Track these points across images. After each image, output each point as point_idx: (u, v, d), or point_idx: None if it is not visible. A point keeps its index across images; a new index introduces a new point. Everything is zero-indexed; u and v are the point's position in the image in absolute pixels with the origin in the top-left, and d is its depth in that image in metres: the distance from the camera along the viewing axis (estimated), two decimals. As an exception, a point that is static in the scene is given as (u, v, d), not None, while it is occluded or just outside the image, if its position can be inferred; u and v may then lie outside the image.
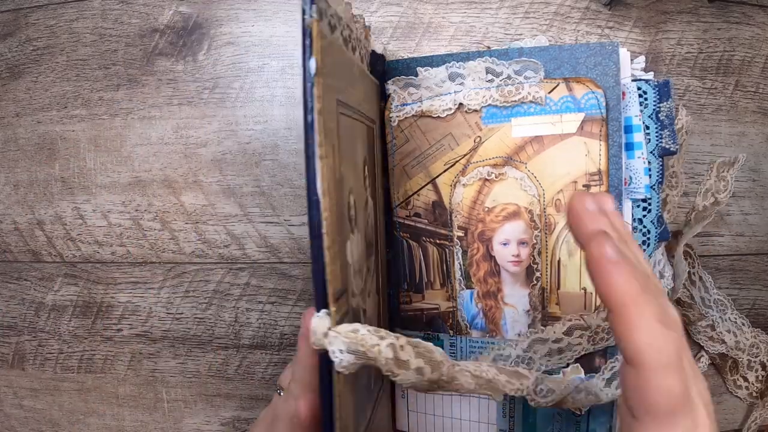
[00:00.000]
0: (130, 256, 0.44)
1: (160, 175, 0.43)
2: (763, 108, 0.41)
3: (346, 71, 0.26)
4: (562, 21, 0.41)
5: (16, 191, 0.45)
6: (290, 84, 0.42)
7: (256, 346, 0.43)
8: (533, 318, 0.35)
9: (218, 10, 0.42)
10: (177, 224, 0.43)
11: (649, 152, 0.34)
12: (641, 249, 0.30)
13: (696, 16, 0.41)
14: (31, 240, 0.45)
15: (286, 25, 0.42)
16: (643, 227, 0.32)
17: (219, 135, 0.43)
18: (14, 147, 0.45)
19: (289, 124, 0.42)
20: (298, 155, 0.42)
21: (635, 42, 0.40)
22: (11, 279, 0.46)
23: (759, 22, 0.41)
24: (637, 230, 0.32)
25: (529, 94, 0.33)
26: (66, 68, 0.44)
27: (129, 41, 0.43)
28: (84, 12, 0.44)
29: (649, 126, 0.34)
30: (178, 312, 0.44)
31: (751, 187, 0.42)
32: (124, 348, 0.45)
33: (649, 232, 0.32)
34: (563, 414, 0.35)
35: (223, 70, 0.42)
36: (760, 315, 0.42)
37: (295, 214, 0.42)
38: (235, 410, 0.44)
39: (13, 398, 0.46)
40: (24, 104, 0.45)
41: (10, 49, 0.45)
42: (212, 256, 0.43)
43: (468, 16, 0.41)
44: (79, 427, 0.46)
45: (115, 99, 0.43)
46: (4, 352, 0.46)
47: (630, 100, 0.34)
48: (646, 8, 0.40)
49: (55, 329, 0.45)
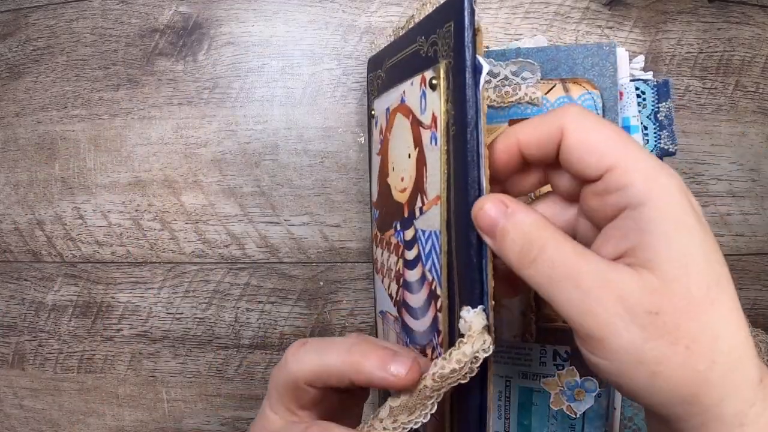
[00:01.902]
0: (130, 256, 0.44)
1: (160, 175, 0.43)
2: (763, 108, 0.41)
3: None
4: (562, 21, 0.41)
5: (16, 191, 0.45)
6: (290, 84, 0.42)
7: (256, 346, 0.43)
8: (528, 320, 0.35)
9: (218, 10, 0.42)
10: (177, 224, 0.43)
11: None
12: None
13: (696, 16, 0.41)
14: (31, 240, 0.45)
15: (286, 25, 0.42)
16: None
17: (219, 135, 0.43)
18: (14, 147, 0.45)
19: (289, 124, 0.42)
20: (298, 155, 0.42)
21: (635, 42, 0.40)
22: (11, 279, 0.46)
23: (759, 22, 0.41)
24: None
25: (526, 95, 0.33)
26: (66, 68, 0.44)
27: (129, 41, 0.43)
28: (84, 12, 0.44)
29: (647, 126, 0.34)
30: (178, 312, 0.44)
31: (751, 187, 0.42)
32: (124, 348, 0.45)
33: None
34: (558, 416, 0.35)
35: (223, 70, 0.42)
36: (760, 315, 0.42)
37: (295, 214, 0.42)
38: (235, 410, 0.44)
39: (13, 398, 0.46)
40: (24, 104, 0.45)
41: (10, 49, 0.45)
42: (212, 256, 0.43)
43: (468, 16, 0.41)
44: (79, 427, 0.46)
45: (115, 99, 0.43)
46: (4, 352, 0.46)
47: (628, 101, 0.34)
48: (646, 8, 0.40)
49: (55, 329, 0.45)
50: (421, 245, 0.27)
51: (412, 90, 0.27)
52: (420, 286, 0.27)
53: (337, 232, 0.42)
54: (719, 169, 0.41)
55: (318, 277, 0.43)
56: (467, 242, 0.22)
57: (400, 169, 0.29)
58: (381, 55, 0.34)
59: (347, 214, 0.42)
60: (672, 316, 0.18)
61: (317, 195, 0.42)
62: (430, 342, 0.26)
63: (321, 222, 0.42)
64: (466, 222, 0.22)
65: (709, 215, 0.41)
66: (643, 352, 0.18)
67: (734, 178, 0.41)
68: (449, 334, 0.24)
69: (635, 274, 0.19)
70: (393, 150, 0.30)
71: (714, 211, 0.41)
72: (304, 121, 0.42)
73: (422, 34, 0.26)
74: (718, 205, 0.41)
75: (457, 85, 0.22)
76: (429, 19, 0.25)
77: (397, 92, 0.29)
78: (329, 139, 0.42)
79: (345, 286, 0.43)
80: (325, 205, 0.42)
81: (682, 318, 0.18)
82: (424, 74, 0.25)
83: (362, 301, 0.42)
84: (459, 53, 0.22)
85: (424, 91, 0.25)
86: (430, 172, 0.25)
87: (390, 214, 0.31)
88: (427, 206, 0.26)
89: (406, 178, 0.28)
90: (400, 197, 0.29)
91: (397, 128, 0.29)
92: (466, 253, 0.22)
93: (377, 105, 0.34)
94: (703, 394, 0.19)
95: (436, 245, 0.25)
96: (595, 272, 0.19)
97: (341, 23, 0.41)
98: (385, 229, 0.32)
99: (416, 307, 0.28)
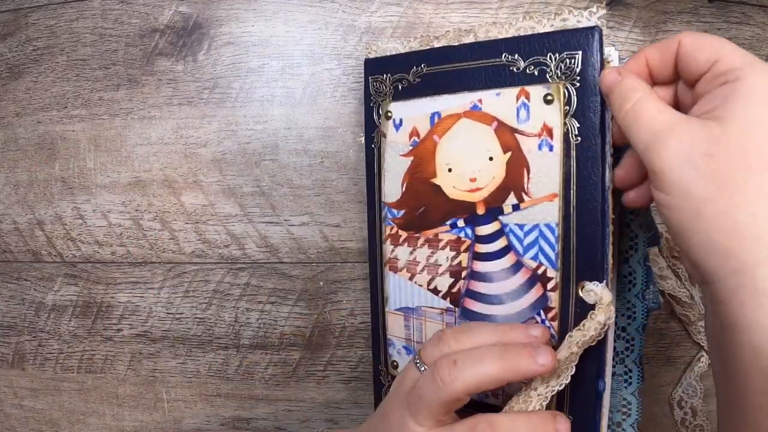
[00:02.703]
0: (130, 256, 0.44)
1: (160, 175, 0.43)
2: (763, 108, 0.41)
3: None
4: (562, 21, 0.41)
5: (16, 191, 0.45)
6: (290, 84, 0.42)
7: (256, 346, 0.43)
8: None
9: (218, 10, 0.42)
10: (177, 224, 0.43)
11: (632, 361, 0.33)
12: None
13: (696, 16, 0.41)
14: (31, 240, 0.45)
15: (286, 25, 0.42)
16: (631, 231, 0.32)
17: (219, 135, 0.43)
18: (14, 147, 0.45)
19: (289, 124, 0.42)
20: (298, 155, 0.42)
21: (635, 42, 0.40)
22: (11, 279, 0.46)
23: (759, 22, 0.41)
24: (623, 234, 0.32)
25: None
26: (66, 68, 0.44)
27: (129, 41, 0.43)
28: (84, 12, 0.44)
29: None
30: (178, 312, 0.44)
31: (751, 187, 0.41)
32: (124, 348, 0.45)
33: (636, 237, 0.31)
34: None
35: (223, 70, 0.42)
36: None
37: (295, 214, 0.42)
38: (235, 410, 0.44)
39: (13, 398, 0.46)
40: (24, 104, 0.45)
41: (10, 49, 0.45)
42: (212, 256, 0.43)
43: (468, 16, 0.41)
44: (79, 427, 0.46)
45: (115, 99, 0.43)
46: (4, 352, 0.46)
47: None
48: (646, 8, 0.40)
49: (55, 329, 0.45)
50: (514, 237, 0.31)
51: (501, 100, 0.31)
52: (512, 273, 0.31)
53: (337, 232, 0.42)
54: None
55: (318, 277, 0.43)
56: (593, 230, 0.28)
57: (469, 170, 0.32)
58: (400, 60, 0.35)
59: (347, 214, 0.42)
60: (724, 164, 0.21)
61: (317, 195, 0.42)
62: (530, 320, 0.31)
63: (321, 222, 0.42)
64: (593, 214, 0.28)
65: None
66: (692, 191, 0.21)
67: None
68: (561, 309, 0.29)
69: (703, 124, 0.22)
70: (451, 152, 0.33)
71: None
72: (304, 121, 0.42)
73: (515, 53, 0.30)
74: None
75: (587, 106, 0.28)
76: (528, 41, 0.30)
77: (460, 99, 0.32)
78: (329, 139, 0.42)
79: (345, 286, 0.43)
80: (325, 205, 0.42)
81: (732, 167, 0.21)
82: (525, 88, 0.30)
83: (362, 301, 0.42)
84: (586, 79, 0.28)
85: (525, 103, 0.30)
86: (538, 173, 0.30)
87: (437, 213, 0.34)
88: (528, 203, 0.30)
89: (484, 178, 0.32)
90: (468, 197, 0.32)
91: (463, 132, 0.32)
92: (591, 239, 0.28)
93: (401, 108, 0.35)
94: (739, 250, 0.20)
95: (549, 235, 0.30)
96: (667, 120, 0.23)
97: (341, 23, 0.41)
98: (422, 228, 0.34)
99: (501, 293, 0.32)
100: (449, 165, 0.33)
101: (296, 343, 0.43)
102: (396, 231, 0.36)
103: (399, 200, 0.36)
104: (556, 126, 0.29)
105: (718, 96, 0.22)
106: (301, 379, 0.43)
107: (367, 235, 0.38)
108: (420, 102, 0.34)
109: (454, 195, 0.33)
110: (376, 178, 0.37)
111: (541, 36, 0.30)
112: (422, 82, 0.34)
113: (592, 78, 0.28)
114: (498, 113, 0.31)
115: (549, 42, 0.29)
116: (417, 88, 0.34)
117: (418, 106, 0.34)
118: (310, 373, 0.43)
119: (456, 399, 0.26)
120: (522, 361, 0.26)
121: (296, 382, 0.43)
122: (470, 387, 0.25)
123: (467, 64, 0.32)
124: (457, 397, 0.26)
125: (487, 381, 0.26)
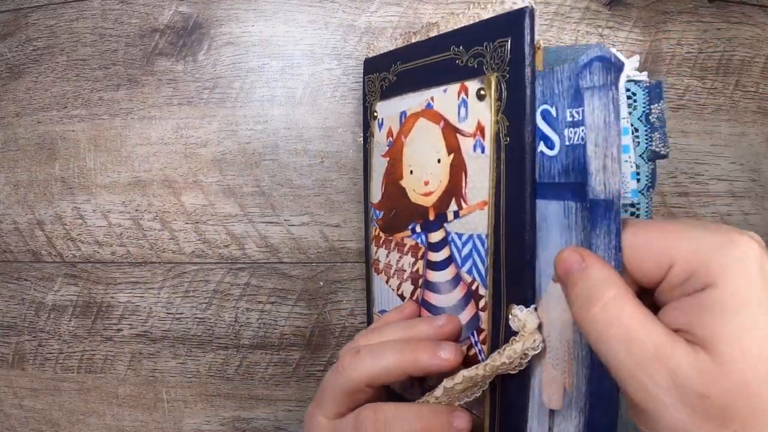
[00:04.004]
0: (130, 256, 0.44)
1: (160, 175, 0.43)
2: (763, 108, 0.41)
3: None
4: (562, 21, 0.41)
5: (16, 191, 0.45)
6: (290, 84, 0.42)
7: (256, 346, 0.43)
8: None
9: (218, 10, 0.42)
10: (177, 224, 0.43)
11: (638, 156, 0.33)
12: None
13: (696, 16, 0.41)
14: (31, 240, 0.45)
15: (286, 25, 0.42)
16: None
17: (219, 135, 0.43)
18: (14, 147, 0.45)
19: (289, 124, 0.42)
20: (298, 155, 0.42)
21: (635, 42, 0.40)
22: (11, 279, 0.46)
23: (759, 22, 0.41)
24: None
25: None
26: (66, 68, 0.44)
27: (129, 41, 0.43)
28: (84, 12, 0.44)
29: (638, 129, 0.34)
30: (178, 312, 0.44)
31: (751, 187, 0.42)
32: (124, 348, 0.45)
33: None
34: None
35: (223, 70, 0.42)
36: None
37: (295, 214, 0.42)
38: (235, 410, 0.44)
39: (13, 398, 0.46)
40: (24, 104, 0.45)
41: (10, 49, 0.45)
42: (212, 256, 0.43)
43: (468, 16, 0.41)
44: (79, 427, 0.46)
45: (115, 99, 0.43)
46: (4, 352, 0.46)
47: None
48: (646, 8, 0.40)
49: (55, 329, 0.45)
50: (455, 247, 0.28)
51: (446, 97, 0.27)
52: (452, 287, 0.28)
53: (337, 232, 0.42)
54: (719, 169, 0.41)
55: (318, 277, 0.43)
56: (521, 244, 0.23)
57: (423, 173, 0.29)
58: (386, 58, 0.34)
59: (347, 214, 0.42)
60: (722, 399, 0.17)
61: (317, 195, 0.42)
62: (466, 340, 0.27)
63: (321, 222, 0.42)
64: (520, 225, 0.23)
65: (709, 215, 0.41)
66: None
67: (734, 178, 0.41)
68: (492, 332, 0.26)
69: (691, 353, 0.18)
70: (412, 153, 0.30)
71: (714, 211, 0.41)
72: (304, 121, 0.42)
73: (460, 44, 0.26)
74: (718, 205, 0.41)
75: (514, 100, 0.23)
76: (471, 30, 0.26)
77: (419, 97, 0.29)
78: (329, 139, 0.42)
79: (345, 286, 0.43)
80: (325, 205, 0.42)
81: (732, 401, 0.17)
82: (465, 83, 0.26)
83: (362, 301, 0.42)
84: (517, 69, 0.23)
85: (464, 100, 0.26)
86: (473, 178, 0.26)
87: (404, 216, 0.31)
88: (466, 210, 0.27)
89: (434, 182, 0.29)
90: (422, 200, 0.30)
91: (419, 132, 0.30)
92: (520, 254, 0.24)
93: (383, 107, 0.33)
94: None
95: (480, 248, 0.26)
96: (650, 343, 0.18)
97: (341, 23, 0.41)
98: (394, 231, 0.32)
99: (445, 307, 0.29)
100: (411, 167, 0.30)
101: (296, 343, 0.43)
102: (378, 232, 0.34)
103: (379, 201, 0.34)
104: (487, 125, 0.25)
105: (689, 309, 0.19)
106: (301, 379, 0.43)
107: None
108: (394, 101, 0.32)
109: (414, 198, 0.30)
110: (366, 179, 0.36)
111: (480, 24, 0.25)
112: (397, 80, 0.32)
113: (522, 68, 0.23)
114: (445, 111, 0.28)
115: (485, 30, 0.25)
116: (394, 87, 0.32)
117: (392, 105, 0.32)
118: (310, 373, 0.43)
119: (355, 387, 0.26)
120: (421, 355, 0.25)
121: (296, 382, 0.43)
122: (369, 375, 0.26)
123: (427, 60, 0.29)
124: (356, 386, 0.26)
125: (386, 372, 0.26)
